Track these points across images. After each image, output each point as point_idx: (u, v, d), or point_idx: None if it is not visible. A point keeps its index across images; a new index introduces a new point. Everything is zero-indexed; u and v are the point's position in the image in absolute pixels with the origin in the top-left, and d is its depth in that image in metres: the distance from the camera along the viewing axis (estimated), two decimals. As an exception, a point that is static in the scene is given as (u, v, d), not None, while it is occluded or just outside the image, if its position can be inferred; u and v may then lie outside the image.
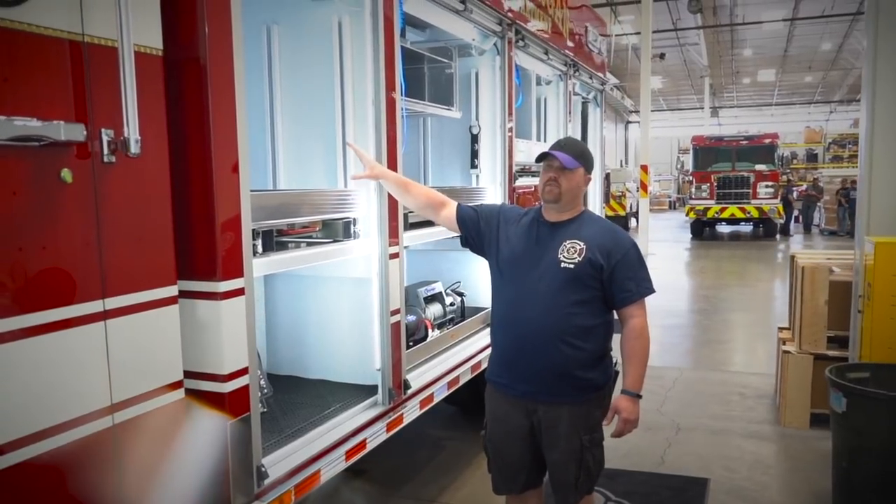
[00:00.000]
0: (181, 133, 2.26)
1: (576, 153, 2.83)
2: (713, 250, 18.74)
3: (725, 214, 20.71)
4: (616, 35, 22.56)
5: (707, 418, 5.66)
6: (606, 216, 25.09)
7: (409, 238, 3.68)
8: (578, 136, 7.35)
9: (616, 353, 2.93)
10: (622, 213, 23.78)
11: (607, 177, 23.28)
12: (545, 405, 2.84)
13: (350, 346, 3.49)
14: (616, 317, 2.89)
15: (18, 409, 1.77)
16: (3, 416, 1.75)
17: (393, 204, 3.40)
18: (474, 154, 4.89)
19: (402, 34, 4.48)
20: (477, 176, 4.92)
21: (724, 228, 23.53)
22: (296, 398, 3.33)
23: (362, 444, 3.10)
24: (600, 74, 7.71)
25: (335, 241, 3.21)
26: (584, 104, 7.55)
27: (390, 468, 4.68)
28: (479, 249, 3.06)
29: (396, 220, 3.46)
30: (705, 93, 34.35)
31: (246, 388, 2.43)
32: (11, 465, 1.75)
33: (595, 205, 7.88)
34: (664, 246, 19.16)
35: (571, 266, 2.73)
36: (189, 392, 2.30)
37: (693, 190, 21.75)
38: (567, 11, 6.27)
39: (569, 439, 2.82)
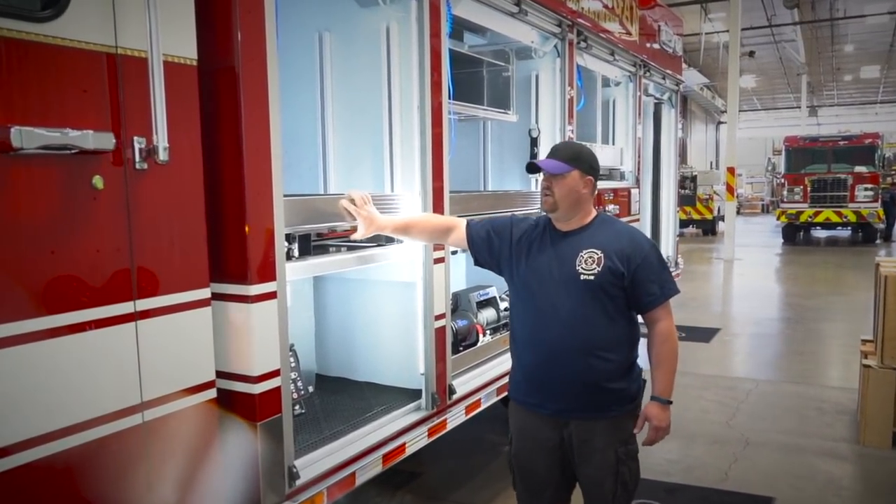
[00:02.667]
0: (215, 140, 2.32)
1: (567, 157, 2.71)
2: (805, 256, 17.88)
3: (819, 219, 19.76)
4: (706, 33, 21.87)
5: (779, 433, 5.39)
6: (692, 220, 24.25)
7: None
8: (650, 138, 7.17)
9: (641, 361, 2.82)
10: (709, 216, 23.05)
11: (693, 179, 22.64)
12: (578, 420, 2.74)
13: (396, 350, 3.51)
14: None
15: (45, 405, 1.86)
16: (35, 410, 1.84)
17: (438, 209, 3.39)
18: (533, 157, 4.83)
19: (460, 38, 4.49)
20: (536, 179, 4.85)
21: (819, 233, 22.44)
22: (340, 400, 3.38)
23: (401, 449, 3.10)
24: (675, 74, 7.48)
25: (378, 245, 3.23)
26: (658, 105, 7.33)
27: (445, 472, 4.68)
28: (494, 267, 2.93)
29: (443, 225, 3.43)
30: (802, 91, 32.79)
31: (277, 389, 2.47)
32: (42, 457, 1.84)
33: (669, 210, 7.66)
34: (753, 251, 18.41)
35: (592, 277, 2.62)
36: (221, 392, 2.35)
37: (785, 193, 20.85)
38: (637, 10, 6.11)
39: (603, 453, 2.72)
